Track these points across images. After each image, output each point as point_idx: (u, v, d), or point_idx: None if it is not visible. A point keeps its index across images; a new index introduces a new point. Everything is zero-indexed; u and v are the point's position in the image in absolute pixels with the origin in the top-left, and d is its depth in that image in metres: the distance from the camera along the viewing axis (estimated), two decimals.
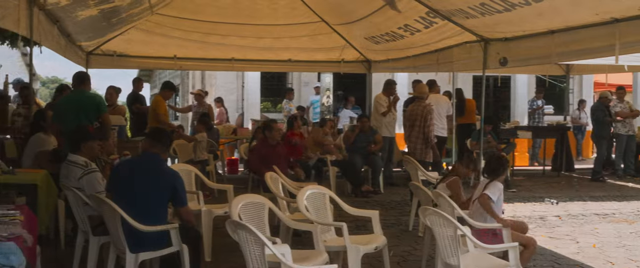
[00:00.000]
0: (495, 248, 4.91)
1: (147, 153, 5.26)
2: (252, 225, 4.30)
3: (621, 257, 6.74)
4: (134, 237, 4.75)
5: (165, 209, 5.09)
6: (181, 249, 4.86)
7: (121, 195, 4.92)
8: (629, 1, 5.44)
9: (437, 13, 7.96)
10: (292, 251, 4.63)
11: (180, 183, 5.06)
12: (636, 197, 10.79)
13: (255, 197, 5.17)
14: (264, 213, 5.08)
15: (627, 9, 5.69)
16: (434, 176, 8.74)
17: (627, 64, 9.74)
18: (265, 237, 4.02)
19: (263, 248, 3.95)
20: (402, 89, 14.62)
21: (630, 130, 13.40)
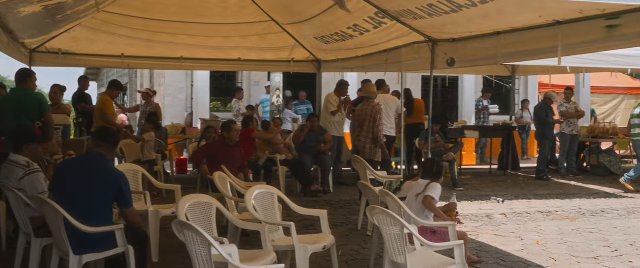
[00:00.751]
0: (441, 247, 4.98)
1: (91, 153, 5.16)
2: (199, 226, 4.26)
3: (563, 253, 6.91)
4: (77, 238, 4.66)
5: (110, 210, 5.00)
6: (127, 250, 4.79)
7: (64, 195, 4.81)
8: (571, 4, 5.56)
9: (386, 14, 8.02)
10: (240, 251, 4.60)
11: (126, 184, 4.98)
12: (578, 195, 11.07)
13: (202, 197, 5.13)
14: (211, 213, 5.04)
15: (568, 11, 5.83)
16: (382, 175, 8.81)
17: (569, 66, 10.00)
18: (212, 237, 3.98)
19: (209, 249, 3.92)
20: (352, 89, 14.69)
21: (574, 130, 13.74)
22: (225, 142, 8.54)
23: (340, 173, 11.93)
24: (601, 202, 10.41)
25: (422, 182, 5.66)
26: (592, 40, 5.97)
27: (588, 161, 14.86)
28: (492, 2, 5.89)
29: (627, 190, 11.55)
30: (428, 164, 5.79)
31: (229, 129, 8.56)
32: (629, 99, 19.45)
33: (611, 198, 10.85)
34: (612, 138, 14.47)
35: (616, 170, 14.22)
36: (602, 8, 5.53)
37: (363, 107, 10.39)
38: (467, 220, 8.70)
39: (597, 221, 8.78)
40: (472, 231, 7.91)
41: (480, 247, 7.12)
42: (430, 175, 5.63)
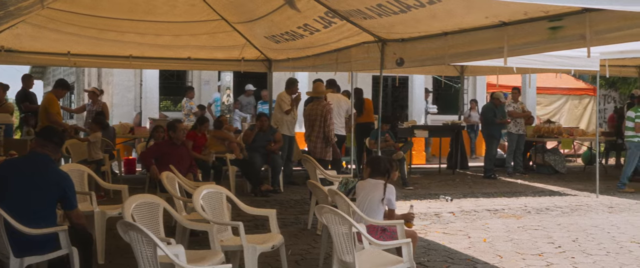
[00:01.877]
0: (389, 245, 5.01)
1: (34, 152, 5.03)
2: (146, 226, 4.21)
3: (509, 250, 7.03)
4: (18, 240, 4.53)
5: (53, 211, 4.89)
6: (71, 252, 4.69)
7: (4, 196, 4.68)
8: (516, 5, 5.67)
9: (335, 13, 8.04)
10: (187, 251, 4.56)
11: (69, 185, 4.88)
12: (524, 193, 11.29)
13: (149, 197, 5.05)
14: (158, 213, 4.97)
15: (513, 13, 5.95)
16: (332, 175, 8.83)
17: (516, 66, 10.20)
18: (158, 238, 3.93)
19: (155, 249, 3.86)
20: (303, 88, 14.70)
21: (521, 129, 14.02)
22: (173, 142, 8.44)
23: (291, 172, 11.93)
24: (546, 200, 10.63)
25: (373, 182, 5.65)
26: (536, 41, 6.11)
27: (534, 160, 15.18)
28: (439, 2, 5.97)
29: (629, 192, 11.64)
30: (375, 162, 5.80)
31: (174, 128, 8.46)
32: (573, 99, 19.92)
33: (556, 196, 11.09)
34: (557, 137, 14.79)
35: (561, 168, 14.59)
36: (546, 10, 5.66)
37: (313, 106, 10.40)
38: (416, 219, 8.74)
39: (542, 218, 8.97)
40: (420, 229, 7.99)
41: (429, 245, 7.19)
42: (378, 174, 5.65)
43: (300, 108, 12.08)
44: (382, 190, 5.49)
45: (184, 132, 8.77)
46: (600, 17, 5.30)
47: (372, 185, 5.58)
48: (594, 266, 6.42)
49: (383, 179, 5.60)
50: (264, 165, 10.86)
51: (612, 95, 21.57)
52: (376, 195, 5.48)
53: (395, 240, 5.11)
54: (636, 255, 6.89)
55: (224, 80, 15.11)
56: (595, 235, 7.85)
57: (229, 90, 15.19)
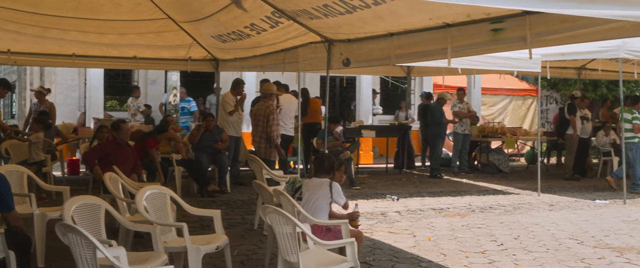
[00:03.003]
0: (334, 245, 5.03)
1: None
2: (87, 228, 4.13)
3: (453, 248, 7.14)
4: None
5: None
6: (7, 256, 4.56)
7: None
8: (459, 7, 5.75)
9: (282, 13, 8.02)
10: (129, 253, 4.50)
11: (4, 186, 4.75)
12: (469, 192, 11.49)
13: (90, 198, 4.96)
14: (99, 215, 4.88)
15: (457, 14, 6.03)
16: (279, 174, 8.82)
17: (460, 67, 10.36)
18: (98, 240, 3.85)
19: (95, 252, 3.79)
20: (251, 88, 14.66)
21: (466, 129, 14.25)
22: (117, 142, 8.31)
23: (238, 172, 11.87)
24: (490, 199, 10.83)
25: (318, 181, 5.67)
26: (479, 42, 6.22)
27: (479, 159, 15.45)
28: (384, 3, 6.01)
29: (611, 187, 11.90)
30: (319, 160, 5.82)
31: (118, 128, 8.33)
32: (516, 100, 20.34)
33: (499, 195, 11.31)
34: (501, 137, 15.08)
35: (504, 167, 14.89)
36: (488, 12, 5.77)
37: (259, 106, 10.37)
38: (363, 218, 8.83)
39: (485, 217, 9.13)
40: (366, 229, 8.05)
41: (374, 244, 7.25)
42: (322, 171, 5.66)
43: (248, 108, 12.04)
44: (327, 188, 5.51)
45: (128, 132, 8.62)
46: (540, 20, 5.42)
47: (317, 184, 5.59)
48: (534, 263, 6.56)
49: (328, 177, 5.61)
50: (210, 165, 10.79)
51: (554, 96, 22.10)
52: (321, 194, 5.49)
53: (339, 240, 5.13)
54: (574, 251, 7.07)
55: (170, 79, 14.94)
56: (536, 233, 8.03)
57: (175, 90, 15.02)
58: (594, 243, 7.50)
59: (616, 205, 10.40)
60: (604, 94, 20.45)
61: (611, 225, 8.65)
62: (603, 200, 10.73)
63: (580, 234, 8.00)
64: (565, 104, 16.01)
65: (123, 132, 8.31)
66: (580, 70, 16.10)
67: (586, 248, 7.24)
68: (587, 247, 7.30)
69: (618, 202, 10.57)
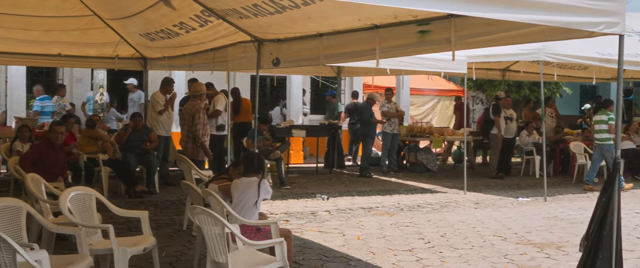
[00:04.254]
0: (263, 245, 5.03)
1: None
2: (6, 231, 4.00)
3: (381, 246, 7.24)
4: None
5: None
6: None
7: None
8: (387, 10, 5.84)
9: (211, 12, 7.96)
10: (53, 256, 4.39)
11: None
12: (397, 191, 11.67)
13: (10, 200, 4.80)
14: (20, 217, 4.73)
15: (384, 16, 6.12)
16: (208, 175, 8.75)
17: (389, 68, 10.51)
18: (18, 243, 3.74)
19: (15, 255, 3.68)
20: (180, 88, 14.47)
21: (395, 129, 14.46)
22: (52, 144, 8.08)
23: (167, 173, 11.71)
24: (418, 197, 11.03)
25: (247, 181, 5.65)
26: (406, 44, 6.33)
27: (407, 159, 15.69)
28: (314, 4, 6.03)
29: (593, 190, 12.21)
30: (248, 160, 5.81)
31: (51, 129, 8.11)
32: (444, 100, 20.77)
33: (427, 194, 11.53)
34: (429, 137, 15.37)
35: (432, 167, 15.18)
36: (415, 14, 5.87)
37: (187, 106, 10.27)
38: (293, 218, 8.87)
39: (413, 215, 9.30)
40: (296, 228, 8.08)
41: (304, 244, 7.28)
42: (252, 171, 5.66)
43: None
44: (256, 188, 5.51)
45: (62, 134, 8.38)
46: (464, 23, 5.55)
47: (246, 184, 5.57)
48: (459, 259, 6.72)
49: (257, 176, 5.61)
50: (138, 165, 10.60)
51: (480, 96, 22.66)
52: (251, 194, 5.48)
53: (269, 240, 5.14)
54: (498, 248, 7.29)
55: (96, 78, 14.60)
56: (461, 230, 8.23)
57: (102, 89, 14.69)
58: (517, 240, 7.74)
59: (537, 202, 10.75)
60: (527, 95, 21.12)
61: (533, 222, 8.95)
62: (525, 198, 11.09)
63: (504, 231, 8.24)
64: (490, 104, 16.43)
65: (57, 133, 8.10)
66: (504, 71, 16.55)
67: (509, 245, 7.46)
68: (510, 244, 7.52)
69: (539, 200, 10.93)
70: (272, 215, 8.74)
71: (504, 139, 13.99)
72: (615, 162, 4.68)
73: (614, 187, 4.59)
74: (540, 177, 12.21)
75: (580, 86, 26.04)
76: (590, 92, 26.67)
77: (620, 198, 4.64)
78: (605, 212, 4.61)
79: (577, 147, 13.92)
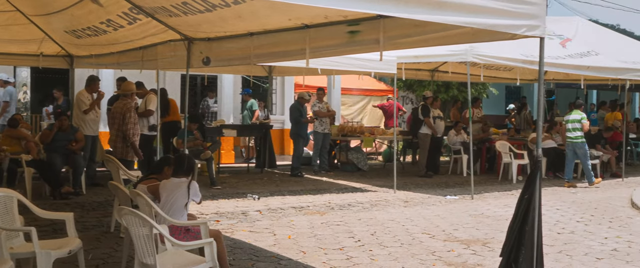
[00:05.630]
0: (192, 245, 4.98)
1: None
2: None
3: (312, 246, 7.28)
4: None
5: None
6: None
7: None
8: (317, 10, 5.86)
9: (140, 9, 7.82)
10: None
11: None
12: (328, 190, 11.74)
13: None
14: None
15: (315, 16, 6.15)
16: (136, 175, 8.60)
17: (320, 68, 10.56)
18: None
19: None
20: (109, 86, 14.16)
21: (326, 128, 14.53)
22: None
23: (94, 173, 11.45)
24: (348, 196, 11.12)
25: (176, 181, 5.59)
26: (336, 44, 6.38)
27: (338, 158, 15.81)
28: (244, 3, 6.01)
29: (572, 187, 13.00)
30: (178, 160, 5.75)
31: None
32: (375, 100, 20.98)
33: (357, 193, 11.64)
34: (360, 136, 15.52)
35: (363, 166, 15.34)
36: (345, 15, 5.92)
37: (116, 104, 10.07)
38: (223, 218, 8.82)
39: (344, 214, 9.38)
40: (227, 228, 8.04)
41: (235, 244, 7.25)
42: (181, 172, 5.60)
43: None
44: (185, 189, 5.45)
45: None
46: (393, 24, 5.63)
47: (175, 184, 5.51)
48: (389, 257, 6.82)
49: (186, 177, 5.56)
50: (64, 166, 10.33)
51: (410, 96, 23.02)
52: (180, 195, 5.43)
53: (198, 240, 5.09)
54: (426, 245, 7.43)
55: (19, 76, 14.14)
56: (391, 229, 8.35)
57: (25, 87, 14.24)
58: (444, 237, 7.90)
59: (465, 200, 11.01)
60: (455, 95, 21.60)
61: (460, 219, 9.16)
62: (453, 196, 11.34)
63: (432, 229, 8.41)
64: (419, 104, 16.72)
65: None
66: (433, 72, 16.90)
67: (437, 242, 7.62)
68: (438, 241, 7.68)
69: (466, 198, 11.19)
70: (202, 216, 8.66)
71: (432, 138, 14.27)
72: (536, 160, 4.84)
73: (536, 184, 4.75)
74: (468, 176, 12.51)
75: (505, 87, 26.83)
76: (515, 93, 27.50)
77: (541, 196, 4.81)
78: (527, 208, 4.76)
79: (502, 146, 14.31)
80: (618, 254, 7.16)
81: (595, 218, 9.40)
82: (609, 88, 19.41)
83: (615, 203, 10.88)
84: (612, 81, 15.87)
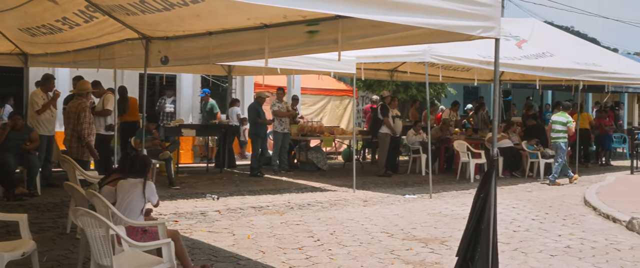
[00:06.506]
0: (149, 246, 4.94)
1: None
2: None
3: (271, 245, 7.27)
4: None
5: None
6: None
7: None
8: (276, 9, 5.86)
9: (97, 7, 7.72)
10: None
11: None
12: (288, 190, 11.73)
13: None
14: None
15: (274, 16, 6.16)
16: (93, 176, 8.50)
17: (279, 67, 10.56)
18: None
19: None
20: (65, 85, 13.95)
21: (285, 128, 14.53)
22: None
23: (50, 174, 11.24)
24: (308, 196, 11.14)
25: (132, 181, 5.54)
26: (295, 43, 6.41)
27: (298, 158, 15.82)
28: (203, 2, 5.98)
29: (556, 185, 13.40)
30: (131, 161, 5.69)
31: None
32: (335, 100, 21.06)
33: (317, 192, 11.66)
34: (319, 136, 15.55)
35: (322, 165, 15.37)
36: (304, 15, 5.94)
37: (71, 103, 9.93)
38: (182, 218, 8.76)
39: (303, 214, 9.39)
40: (186, 229, 7.98)
41: (193, 244, 7.20)
42: (134, 172, 5.55)
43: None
44: (141, 189, 5.40)
45: None
46: (351, 24, 5.67)
47: (131, 184, 5.46)
48: (348, 256, 6.85)
49: (141, 177, 5.51)
50: (18, 166, 10.13)
51: (370, 96, 23.15)
52: (136, 195, 5.38)
53: (155, 241, 5.05)
54: (385, 244, 7.48)
55: None
56: (350, 228, 8.39)
57: None
58: (403, 236, 7.97)
59: (423, 199, 11.12)
60: (414, 95, 21.79)
61: (418, 218, 9.25)
62: (412, 195, 11.43)
63: (391, 227, 8.47)
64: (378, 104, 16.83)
65: None
66: (392, 72, 17.02)
67: (396, 241, 7.68)
68: (396, 240, 7.75)
69: (425, 197, 11.30)
70: (160, 216, 8.58)
71: (392, 138, 14.37)
72: (491, 159, 4.92)
73: (491, 183, 4.83)
74: (426, 175, 12.64)
75: (463, 87, 27.16)
76: (473, 93, 27.87)
77: (496, 194, 4.89)
78: (483, 207, 4.84)
79: (460, 145, 14.49)
80: (571, 251, 7.32)
81: (550, 216, 9.59)
82: (563, 89, 19.80)
83: (569, 202, 11.11)
84: (566, 82, 16.21)
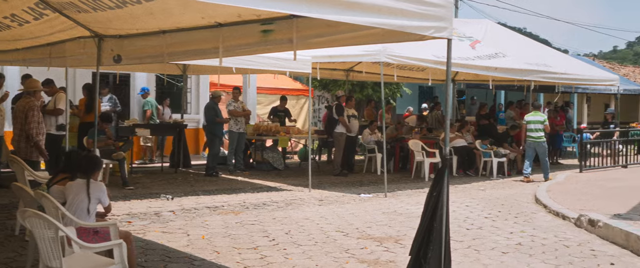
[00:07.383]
0: (100, 247, 4.86)
1: None
2: None
3: (226, 245, 7.23)
4: None
5: None
6: None
7: None
8: (230, 8, 5.82)
9: (47, 5, 7.55)
10: None
11: None
12: (244, 190, 11.69)
13: None
14: None
15: (228, 15, 6.12)
16: (43, 176, 8.33)
17: (235, 66, 10.50)
18: None
19: None
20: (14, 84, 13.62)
21: (241, 128, 14.47)
22: None
23: None
24: (264, 196, 11.11)
25: (80, 182, 5.45)
26: (250, 43, 6.38)
27: (254, 157, 15.76)
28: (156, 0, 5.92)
29: (528, 181, 13.87)
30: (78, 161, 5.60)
31: None
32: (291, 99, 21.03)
33: (273, 192, 11.65)
34: (275, 135, 15.52)
35: (278, 165, 15.35)
36: (258, 14, 5.92)
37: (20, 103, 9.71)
38: (136, 219, 8.65)
39: (259, 213, 9.36)
40: (139, 229, 7.89)
41: (147, 245, 7.12)
42: (81, 171, 5.46)
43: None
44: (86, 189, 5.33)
45: None
46: (306, 24, 5.67)
47: (79, 185, 5.37)
48: (303, 256, 6.85)
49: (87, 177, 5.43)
50: None
51: (326, 96, 23.21)
52: (83, 196, 5.29)
53: (106, 242, 4.97)
54: (340, 243, 7.51)
55: None
56: (305, 227, 8.39)
57: None
58: (358, 235, 8.01)
59: (378, 198, 11.19)
60: (370, 95, 21.91)
61: (373, 217, 9.30)
62: (367, 195, 11.50)
63: (346, 227, 8.51)
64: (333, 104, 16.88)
65: None
66: (348, 72, 17.08)
67: (351, 240, 7.71)
68: (351, 239, 7.78)
69: (380, 196, 11.38)
70: (113, 217, 8.45)
71: (347, 137, 14.43)
72: (444, 158, 4.98)
73: (444, 181, 4.88)
74: (382, 174, 12.72)
75: (418, 87, 27.43)
76: (428, 93, 28.16)
77: (448, 193, 4.95)
78: (436, 205, 4.89)
79: (415, 144, 14.63)
80: (522, 248, 7.45)
81: (502, 214, 9.75)
82: (515, 89, 20.16)
83: (520, 200, 11.31)
84: (518, 82, 16.50)
